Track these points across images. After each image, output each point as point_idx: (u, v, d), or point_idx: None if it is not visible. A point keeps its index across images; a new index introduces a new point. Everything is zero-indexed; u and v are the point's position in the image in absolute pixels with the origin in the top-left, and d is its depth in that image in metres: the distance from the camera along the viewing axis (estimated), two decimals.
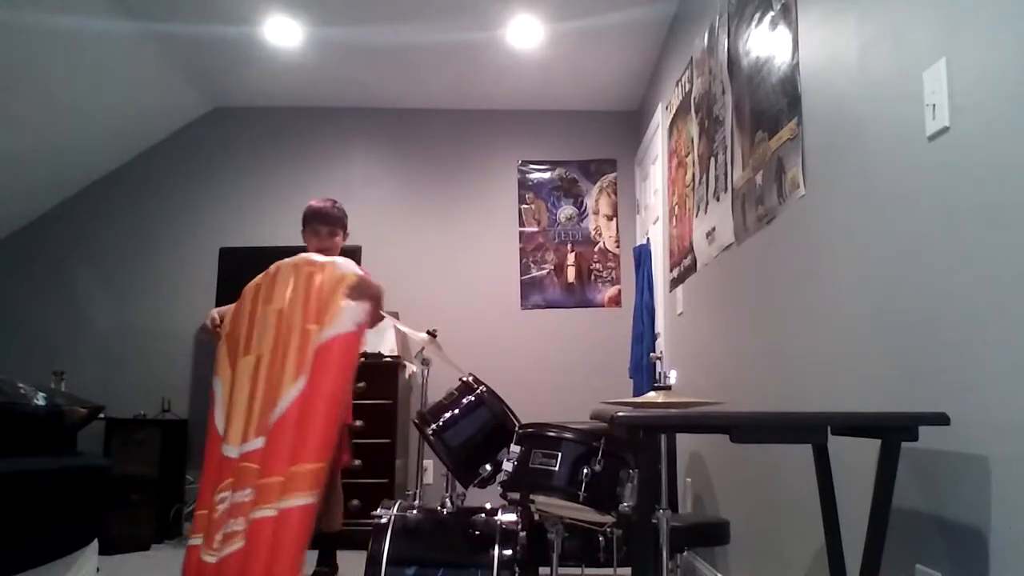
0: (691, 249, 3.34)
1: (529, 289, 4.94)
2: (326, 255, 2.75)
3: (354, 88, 4.82)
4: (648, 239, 4.43)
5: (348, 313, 2.49)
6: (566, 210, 5.03)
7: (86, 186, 4.95)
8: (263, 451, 2.32)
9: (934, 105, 1.41)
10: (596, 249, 5.00)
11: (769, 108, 2.33)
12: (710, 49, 3.07)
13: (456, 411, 2.36)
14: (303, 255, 2.71)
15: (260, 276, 2.70)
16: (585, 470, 1.95)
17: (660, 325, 4.07)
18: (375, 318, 2.66)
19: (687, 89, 3.51)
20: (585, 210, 5.03)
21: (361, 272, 2.66)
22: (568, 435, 2.02)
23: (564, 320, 4.89)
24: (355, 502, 3.84)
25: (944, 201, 1.40)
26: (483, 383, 2.43)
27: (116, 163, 4.96)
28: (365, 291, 2.57)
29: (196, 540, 2.31)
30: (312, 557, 2.80)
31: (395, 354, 4.36)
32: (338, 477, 3.02)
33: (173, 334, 4.77)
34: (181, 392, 4.68)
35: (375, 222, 4.87)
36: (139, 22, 3.90)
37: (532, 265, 4.97)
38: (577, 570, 2.64)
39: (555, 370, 4.78)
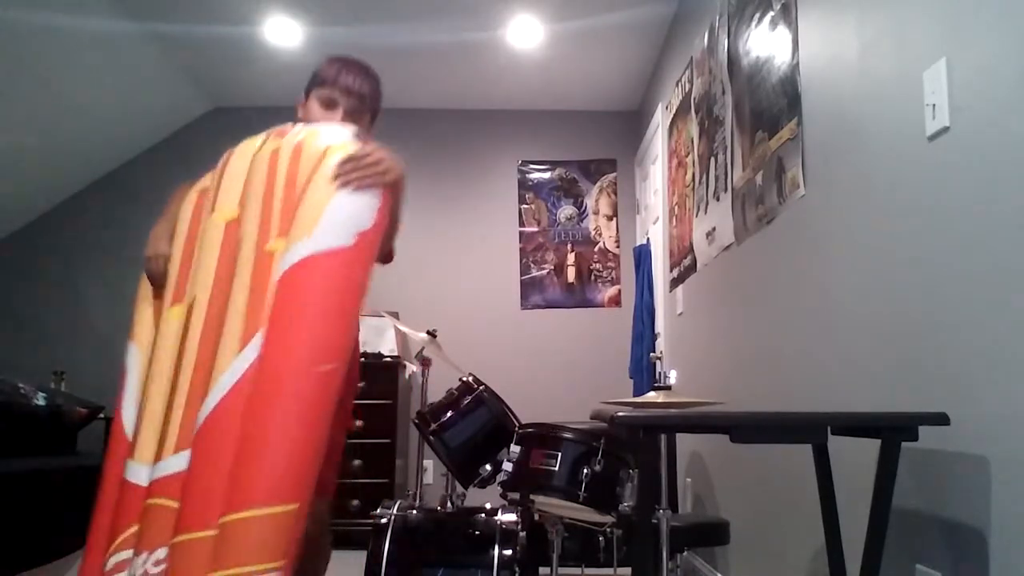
0: (691, 249, 3.34)
1: (529, 289, 4.94)
2: None
3: None
4: (648, 239, 4.43)
5: (336, 214, 1.37)
6: (566, 210, 5.03)
7: (86, 186, 4.94)
8: (186, 477, 1.28)
9: (934, 105, 1.41)
10: (596, 249, 5.00)
11: (769, 108, 2.33)
12: (710, 49, 3.07)
13: (456, 411, 2.36)
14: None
15: (209, 174, 1.67)
16: (585, 470, 1.95)
17: (660, 325, 4.07)
18: (395, 221, 1.54)
19: (687, 89, 3.51)
20: (585, 210, 5.03)
21: (360, 141, 1.49)
22: (568, 435, 2.02)
23: (564, 320, 4.89)
24: (355, 502, 3.84)
25: (944, 201, 1.40)
26: (483, 383, 2.43)
27: (116, 163, 4.96)
28: (371, 169, 1.42)
29: None
30: None
31: (395, 354, 4.37)
32: (325, 510, 1.70)
33: None
34: None
35: None
36: (139, 22, 3.90)
37: (532, 265, 4.97)
38: (577, 570, 2.63)
39: (555, 370, 4.78)
